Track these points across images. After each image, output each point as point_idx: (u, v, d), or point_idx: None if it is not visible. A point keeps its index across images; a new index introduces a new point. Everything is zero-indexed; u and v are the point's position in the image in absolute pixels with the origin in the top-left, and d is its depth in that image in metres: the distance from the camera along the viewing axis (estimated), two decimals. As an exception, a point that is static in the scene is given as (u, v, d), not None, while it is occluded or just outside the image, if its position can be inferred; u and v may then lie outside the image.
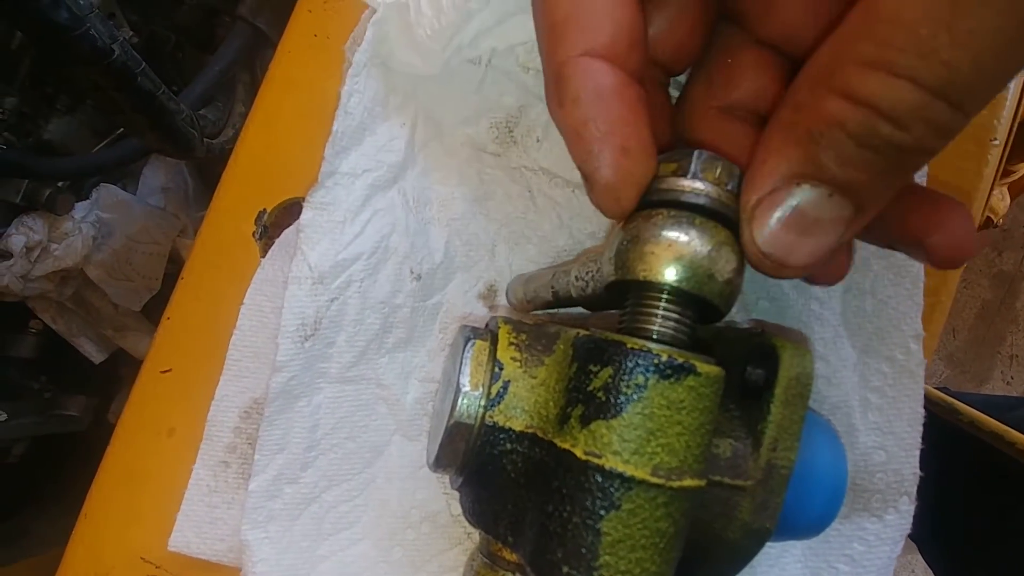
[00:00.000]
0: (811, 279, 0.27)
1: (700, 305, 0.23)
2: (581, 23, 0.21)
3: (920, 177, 0.34)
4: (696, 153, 0.23)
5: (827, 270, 0.26)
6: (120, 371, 1.13)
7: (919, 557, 0.75)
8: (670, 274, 0.22)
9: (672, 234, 0.22)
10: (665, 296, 0.23)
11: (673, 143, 0.28)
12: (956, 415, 0.55)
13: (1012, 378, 1.63)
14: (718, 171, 0.23)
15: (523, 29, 0.35)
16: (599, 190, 0.23)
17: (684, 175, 0.23)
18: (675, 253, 0.22)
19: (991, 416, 0.55)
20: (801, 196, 0.20)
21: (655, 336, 0.23)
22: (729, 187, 0.23)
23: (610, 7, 0.22)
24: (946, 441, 0.38)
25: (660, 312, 0.23)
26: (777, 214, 0.21)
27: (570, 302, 0.31)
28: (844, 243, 0.21)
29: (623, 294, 0.25)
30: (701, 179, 0.22)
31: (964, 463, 0.63)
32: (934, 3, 0.16)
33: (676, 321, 0.23)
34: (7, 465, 1.00)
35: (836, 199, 0.20)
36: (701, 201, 0.22)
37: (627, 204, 0.23)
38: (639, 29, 0.22)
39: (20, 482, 1.08)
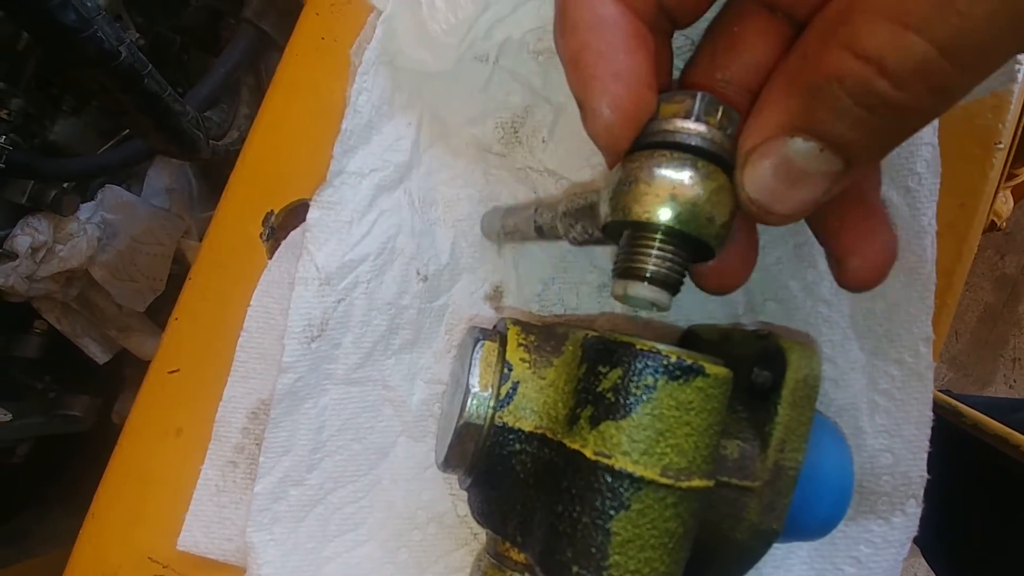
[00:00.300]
0: (708, 283, 0.27)
1: (696, 246, 0.23)
2: None
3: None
4: (699, 95, 0.22)
5: (723, 276, 0.26)
6: (124, 371, 1.13)
7: (922, 560, 0.75)
8: (669, 215, 0.22)
9: (674, 176, 0.22)
10: (660, 236, 0.23)
11: None
12: (959, 418, 0.55)
13: (1015, 381, 1.63)
14: (719, 114, 0.22)
15: (535, 16, 0.35)
16: (594, 120, 0.23)
17: (687, 117, 0.22)
18: (676, 195, 0.22)
19: (994, 419, 0.55)
20: (793, 148, 0.20)
21: (649, 275, 0.22)
22: (729, 132, 0.23)
23: None
24: (949, 444, 0.38)
25: (655, 252, 0.23)
26: (769, 161, 0.21)
27: (554, 237, 0.30)
28: (830, 197, 0.22)
29: (618, 233, 0.25)
30: (704, 121, 0.22)
31: (967, 466, 0.63)
32: None
33: (672, 262, 0.23)
34: (11, 465, 1.01)
35: (827, 154, 0.20)
36: (703, 144, 0.22)
37: (623, 137, 0.23)
38: None
39: (24, 482, 1.08)
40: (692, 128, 0.22)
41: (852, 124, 0.19)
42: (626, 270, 0.23)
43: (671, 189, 0.22)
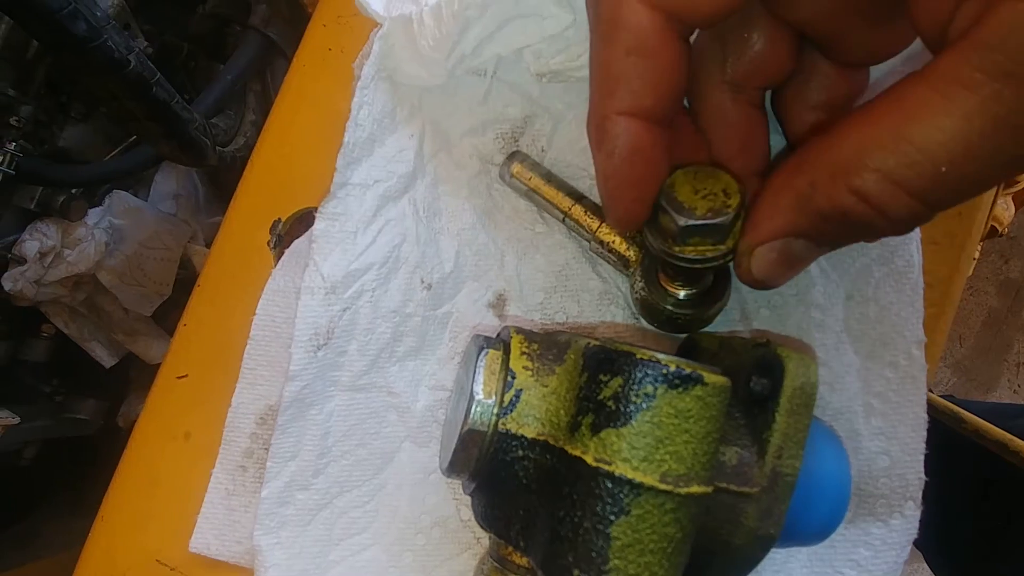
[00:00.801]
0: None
1: None
2: (632, 85, 0.24)
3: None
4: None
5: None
6: (129, 375, 1.14)
7: (925, 566, 0.75)
8: None
9: None
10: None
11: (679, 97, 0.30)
12: (960, 424, 0.55)
13: (1019, 386, 1.63)
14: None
15: (523, 33, 0.35)
16: (613, 221, 0.30)
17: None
18: None
19: (996, 425, 0.55)
20: (796, 245, 0.25)
21: None
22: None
23: (659, 74, 0.24)
24: (951, 450, 0.39)
25: None
26: (773, 255, 0.26)
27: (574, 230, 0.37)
28: None
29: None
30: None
31: (969, 472, 0.63)
32: (955, 141, 0.20)
33: None
34: (19, 468, 1.02)
35: (823, 248, 0.26)
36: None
37: (632, 230, 0.30)
38: (680, 91, 0.26)
39: (31, 485, 1.09)
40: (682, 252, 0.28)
41: (852, 238, 0.25)
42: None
43: None
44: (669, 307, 0.34)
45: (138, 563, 0.41)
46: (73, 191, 0.90)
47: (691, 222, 0.26)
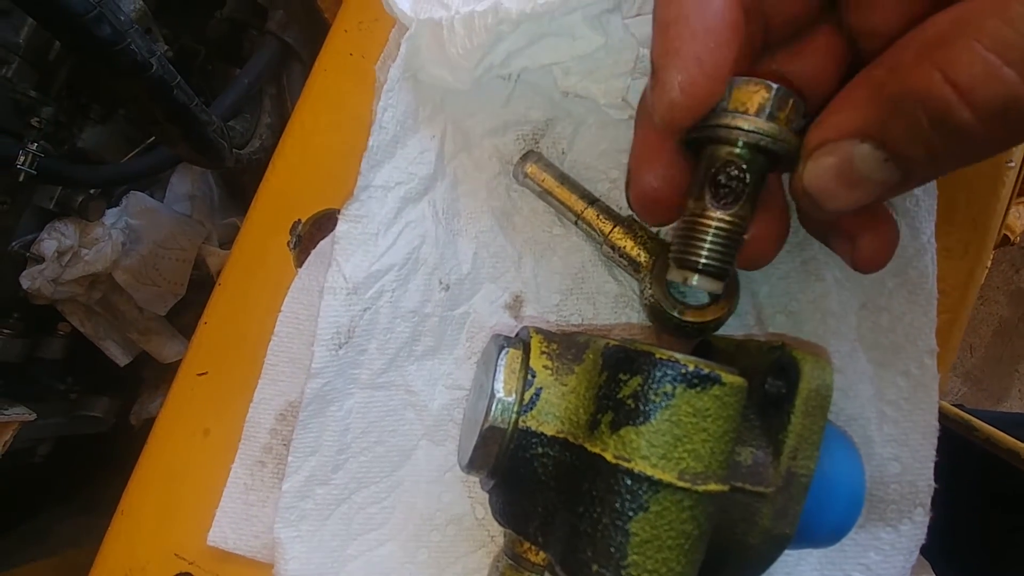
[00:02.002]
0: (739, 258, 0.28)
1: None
2: None
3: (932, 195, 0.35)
4: (775, 89, 0.23)
5: (754, 250, 0.28)
6: (142, 374, 1.15)
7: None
8: None
9: None
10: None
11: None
12: (972, 432, 0.55)
13: (1030, 396, 1.62)
14: (789, 108, 0.24)
15: (554, 51, 0.36)
16: (661, 92, 0.23)
17: (759, 113, 0.24)
18: None
19: (1007, 434, 0.55)
20: (859, 152, 0.21)
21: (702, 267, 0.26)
22: (794, 125, 0.24)
23: None
24: (962, 458, 0.39)
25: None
26: (832, 160, 0.22)
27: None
28: (875, 203, 0.23)
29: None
30: (775, 118, 0.24)
31: (980, 480, 0.63)
32: None
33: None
34: (32, 465, 1.03)
35: (890, 166, 0.21)
36: (770, 144, 0.24)
37: (681, 121, 0.24)
38: None
39: (44, 482, 1.10)
40: (764, 127, 0.24)
41: (923, 145, 0.20)
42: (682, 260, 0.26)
43: None
44: (677, 314, 0.34)
45: (157, 556, 0.41)
46: (91, 191, 0.91)
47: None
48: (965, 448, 0.54)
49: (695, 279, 0.26)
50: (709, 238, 0.25)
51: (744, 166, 0.24)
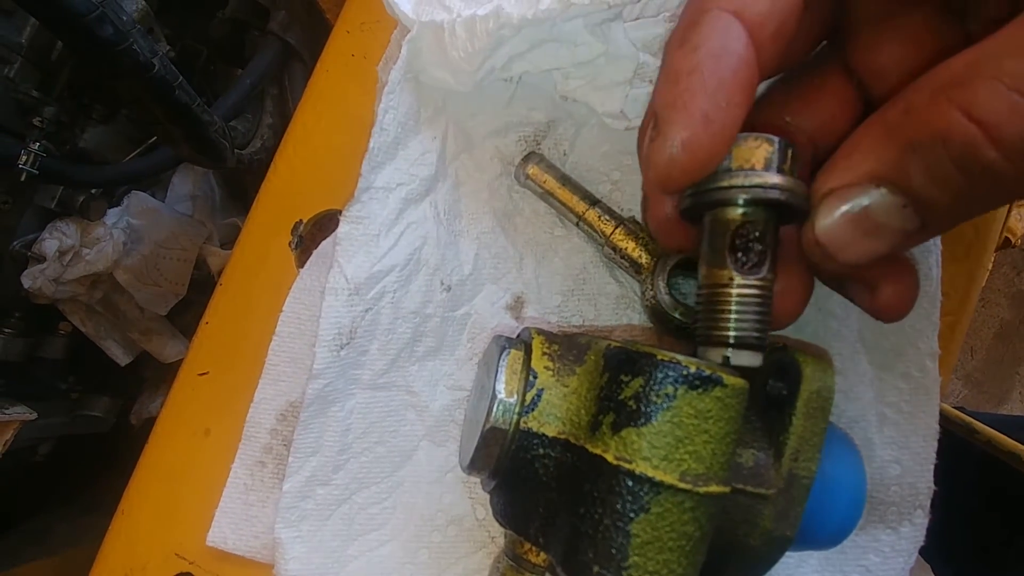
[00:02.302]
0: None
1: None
2: None
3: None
4: (777, 142, 0.22)
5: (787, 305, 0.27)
6: (143, 373, 1.15)
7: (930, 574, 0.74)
8: None
9: None
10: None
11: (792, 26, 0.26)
12: (973, 434, 0.56)
13: (1031, 399, 1.62)
14: (789, 160, 0.23)
15: (555, 56, 0.36)
16: (660, 146, 0.21)
17: (767, 167, 0.22)
18: None
19: (1009, 436, 0.55)
20: (874, 198, 0.20)
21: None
22: (795, 175, 0.23)
23: None
24: (961, 460, 0.38)
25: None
26: (845, 208, 0.20)
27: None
28: (892, 254, 0.21)
29: None
30: (781, 171, 0.22)
31: (976, 482, 0.63)
32: None
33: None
34: (33, 464, 1.03)
35: (908, 212, 0.20)
36: (783, 197, 0.22)
37: (678, 181, 0.22)
38: (792, 24, 0.22)
39: (45, 481, 1.10)
40: (776, 181, 0.22)
41: (945, 187, 0.18)
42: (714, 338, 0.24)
43: None
44: (678, 316, 0.34)
45: (157, 556, 0.41)
46: (93, 191, 0.91)
47: None
48: (964, 450, 0.54)
49: (731, 355, 0.24)
50: (740, 308, 0.24)
51: (762, 226, 0.23)
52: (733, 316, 0.24)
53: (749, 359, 0.24)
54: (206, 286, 1.05)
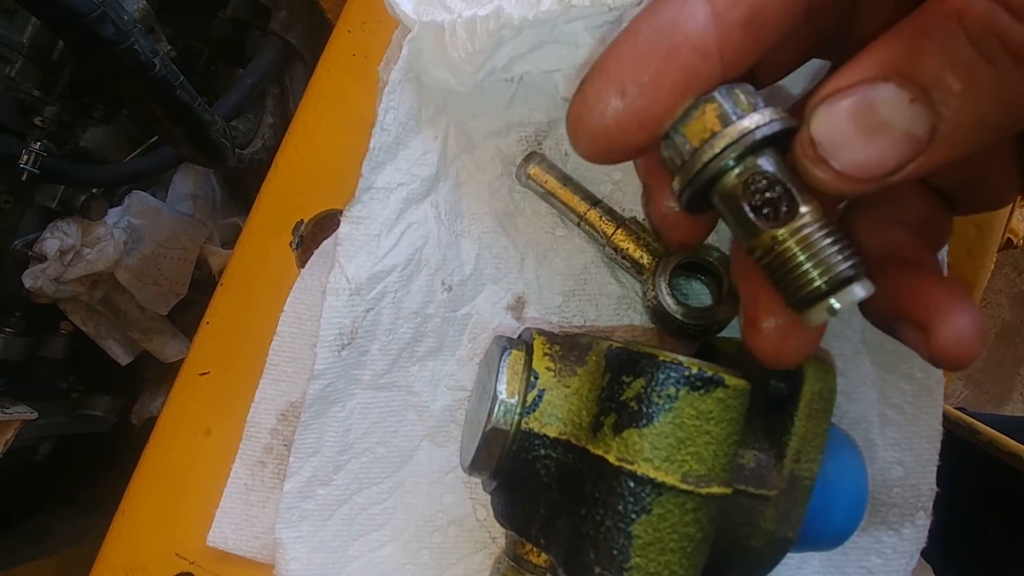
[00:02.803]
0: (758, 348, 0.24)
1: None
2: None
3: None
4: (719, 91, 0.20)
5: (777, 346, 0.23)
6: (143, 373, 1.15)
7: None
8: None
9: None
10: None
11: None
12: (975, 435, 0.55)
13: (1032, 399, 1.62)
14: (744, 97, 0.21)
15: (556, 58, 0.36)
16: (576, 103, 0.21)
17: (733, 119, 0.20)
18: None
19: (1009, 437, 0.55)
20: (881, 92, 0.18)
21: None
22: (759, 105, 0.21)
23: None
24: (961, 460, 0.38)
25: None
26: (848, 102, 0.18)
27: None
28: (898, 180, 0.19)
29: None
30: (750, 114, 0.20)
31: (976, 483, 0.63)
32: None
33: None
34: (34, 464, 1.03)
35: (916, 108, 0.17)
36: (770, 132, 0.20)
37: (584, 146, 0.21)
38: (775, 16, 0.20)
39: (46, 481, 1.10)
40: (743, 126, 0.20)
41: (958, 70, 0.17)
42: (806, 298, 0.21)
43: None
44: (680, 316, 0.34)
45: (158, 556, 0.41)
46: (94, 191, 0.91)
47: None
48: (965, 450, 0.54)
49: (833, 303, 0.20)
50: (802, 258, 0.20)
51: (765, 171, 0.20)
52: (803, 268, 0.20)
53: (854, 294, 0.20)
54: (207, 286, 1.05)
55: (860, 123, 0.18)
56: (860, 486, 0.28)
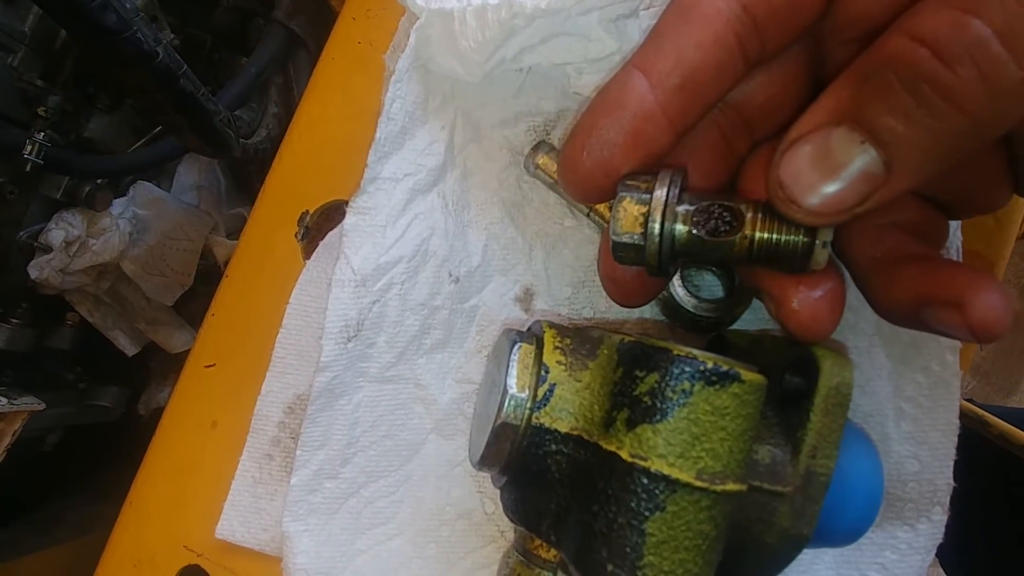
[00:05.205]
0: (796, 326, 0.26)
1: None
2: (664, 46, 0.22)
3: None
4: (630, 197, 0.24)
5: (812, 316, 0.25)
6: (150, 364, 1.16)
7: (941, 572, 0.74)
8: None
9: None
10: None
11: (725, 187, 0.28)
12: (986, 427, 0.55)
13: (1040, 390, 1.60)
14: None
15: (567, 51, 0.35)
16: (564, 153, 0.25)
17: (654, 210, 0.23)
18: None
19: (1020, 429, 0.55)
20: (835, 136, 0.20)
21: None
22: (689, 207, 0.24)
23: (696, 51, 0.22)
24: (971, 453, 0.38)
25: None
26: (807, 147, 0.20)
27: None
28: (866, 210, 0.20)
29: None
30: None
31: (989, 476, 0.62)
32: None
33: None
34: (41, 454, 1.03)
35: (867, 148, 0.19)
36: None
37: (571, 190, 0.25)
38: (709, 77, 0.22)
39: (53, 471, 1.11)
40: (661, 193, 0.23)
41: (897, 113, 0.18)
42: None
43: None
44: (691, 309, 0.34)
45: (166, 548, 0.41)
46: (98, 181, 0.91)
47: None
48: (975, 443, 0.53)
49: (823, 237, 0.22)
50: (780, 232, 0.23)
51: (698, 208, 0.24)
52: (783, 240, 0.23)
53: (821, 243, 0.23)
54: (212, 276, 1.05)
55: (819, 166, 0.20)
56: (875, 481, 0.28)
